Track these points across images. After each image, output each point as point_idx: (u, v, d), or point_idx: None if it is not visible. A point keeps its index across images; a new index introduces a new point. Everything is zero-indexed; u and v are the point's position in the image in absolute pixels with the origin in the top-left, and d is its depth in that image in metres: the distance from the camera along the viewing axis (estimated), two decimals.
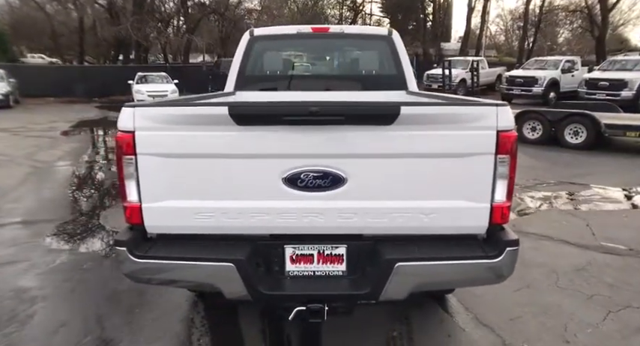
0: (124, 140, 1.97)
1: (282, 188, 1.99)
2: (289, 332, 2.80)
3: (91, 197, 6.05)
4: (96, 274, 3.66)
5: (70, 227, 4.77)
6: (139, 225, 2.08)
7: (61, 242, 4.38)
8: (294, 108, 1.93)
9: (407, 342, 2.73)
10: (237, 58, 4.08)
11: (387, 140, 1.95)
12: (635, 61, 15.92)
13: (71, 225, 4.81)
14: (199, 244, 2.08)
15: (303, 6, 39.34)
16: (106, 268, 3.77)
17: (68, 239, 4.46)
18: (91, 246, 4.28)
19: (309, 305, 2.01)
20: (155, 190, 2.02)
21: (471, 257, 1.98)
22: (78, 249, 4.22)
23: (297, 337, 2.73)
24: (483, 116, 1.94)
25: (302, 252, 2.11)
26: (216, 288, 2.02)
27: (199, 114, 1.95)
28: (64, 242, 4.38)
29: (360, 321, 2.77)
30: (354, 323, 2.70)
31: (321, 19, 39.22)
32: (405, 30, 37.94)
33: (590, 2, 24.05)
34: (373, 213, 2.02)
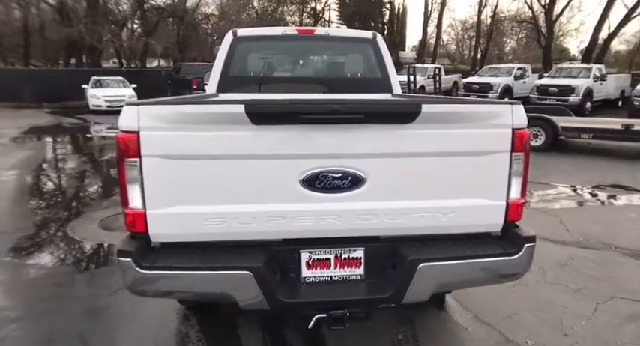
0: (127, 141, 1.82)
1: (299, 190, 1.91)
2: (291, 341, 2.69)
3: (54, 207, 5.64)
4: (71, 289, 3.39)
5: (36, 240, 4.41)
6: (142, 234, 1.92)
7: (26, 257, 4.03)
8: (315, 107, 1.85)
9: (413, 345, 2.70)
10: (220, 59, 3.94)
11: (406, 139, 1.91)
12: (579, 69, 17.01)
13: (36, 238, 4.45)
14: (210, 252, 1.95)
15: (262, 12, 39.18)
16: (82, 282, 3.51)
17: (34, 253, 4.12)
18: (61, 260, 3.96)
19: (331, 311, 1.93)
20: (161, 195, 1.88)
21: (492, 255, 1.98)
22: (46, 263, 3.90)
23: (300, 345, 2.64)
24: (499, 114, 1.95)
25: (319, 257, 2.03)
26: (231, 298, 1.90)
27: (212, 112, 1.83)
28: (29, 256, 4.04)
29: (364, 326, 2.71)
30: (358, 327, 2.64)
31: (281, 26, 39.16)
32: None
33: (537, 14, 25.51)
34: (392, 213, 1.98)
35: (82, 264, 3.84)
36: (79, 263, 3.87)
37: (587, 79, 15.72)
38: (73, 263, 3.90)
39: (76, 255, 4.08)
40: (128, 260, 1.83)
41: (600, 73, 16.39)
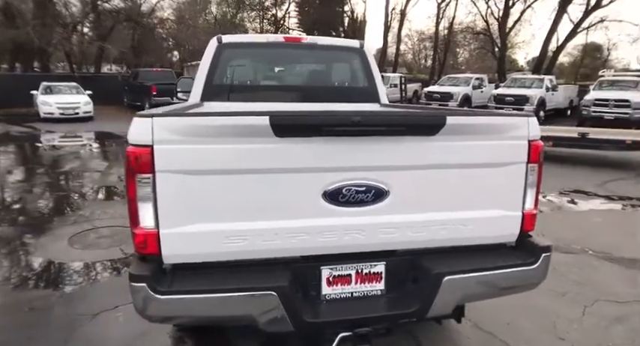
0: (139, 155, 1.68)
1: (322, 204, 1.84)
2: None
3: (15, 224, 5.21)
4: (49, 314, 3.11)
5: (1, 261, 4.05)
6: (153, 255, 1.78)
7: None
8: (340, 119, 1.80)
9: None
10: (204, 66, 3.80)
11: (429, 151, 1.90)
12: (532, 80, 18.00)
13: (1, 259, 4.09)
14: (228, 272, 1.83)
15: (221, 17, 38.69)
16: (60, 305, 3.23)
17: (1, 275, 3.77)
18: (33, 282, 3.65)
19: (356, 329, 1.86)
20: (176, 213, 1.75)
21: (512, 265, 2.00)
22: (16, 286, 3.57)
23: None
24: (517, 126, 1.98)
25: (339, 273, 1.97)
26: (254, 321, 1.79)
27: (234, 124, 1.73)
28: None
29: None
30: None
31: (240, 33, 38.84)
32: None
33: (492, 26, 26.84)
34: (414, 226, 1.95)
35: (57, 286, 3.55)
36: (53, 285, 3.57)
37: (540, 89, 16.63)
38: (47, 285, 3.59)
39: (48, 276, 3.77)
40: (142, 286, 1.69)
41: (552, 84, 17.41)
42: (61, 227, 4.92)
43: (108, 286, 3.55)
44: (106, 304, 3.20)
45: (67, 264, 3.95)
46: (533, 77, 18.47)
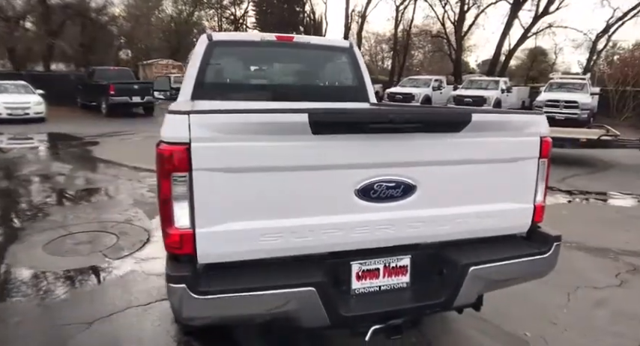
0: (176, 153, 1.65)
1: (355, 200, 1.88)
2: None
3: None
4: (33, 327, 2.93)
5: None
6: (188, 255, 1.74)
7: None
8: (377, 116, 1.84)
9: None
10: (194, 64, 3.73)
11: (453, 147, 1.98)
12: (488, 81, 18.86)
13: None
14: (261, 270, 1.83)
15: (177, 16, 37.70)
16: (44, 317, 3.05)
17: None
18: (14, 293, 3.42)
19: (390, 321, 1.91)
20: (212, 212, 1.73)
21: (529, 254, 2.11)
22: None
23: None
24: (531, 123, 2.10)
25: (368, 268, 2.01)
26: (293, 317, 1.79)
27: (272, 121, 1.73)
28: None
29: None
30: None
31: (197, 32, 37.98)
32: None
33: (449, 30, 27.87)
34: (439, 220, 2.03)
35: (43, 296, 3.35)
36: (37, 296, 3.37)
37: (496, 90, 17.47)
38: (31, 296, 3.38)
39: (29, 286, 3.55)
40: (182, 287, 1.65)
41: (506, 86, 18.32)
42: (34, 234, 4.64)
43: (98, 293, 3.39)
44: (100, 312, 3.08)
45: (48, 273, 3.73)
46: (489, 79, 19.39)
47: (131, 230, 4.79)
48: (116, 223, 5.00)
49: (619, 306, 3.34)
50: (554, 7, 22.27)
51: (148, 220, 5.13)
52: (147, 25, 34.06)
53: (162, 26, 38.27)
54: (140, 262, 3.97)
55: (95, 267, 3.85)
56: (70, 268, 3.81)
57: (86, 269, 3.81)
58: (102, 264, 3.91)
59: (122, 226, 4.90)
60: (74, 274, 3.72)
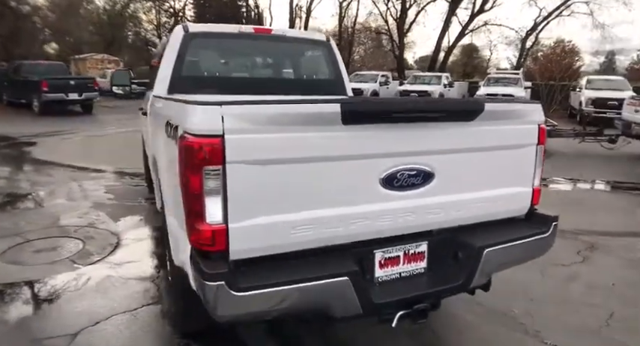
0: (209, 146, 1.58)
1: (379, 189, 1.91)
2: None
3: None
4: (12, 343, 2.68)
5: None
6: (220, 252, 1.68)
7: None
8: (405, 105, 1.87)
9: (431, 332, 2.86)
10: (170, 56, 3.56)
11: (467, 135, 2.06)
12: (431, 77, 19.66)
13: None
14: (293, 262, 1.80)
15: (110, 8, 35.56)
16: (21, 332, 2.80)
17: None
18: None
19: (416, 306, 1.96)
20: (244, 206, 1.68)
21: (533, 235, 2.25)
22: None
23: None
24: (531, 112, 2.24)
25: (390, 255, 2.05)
26: (329, 307, 1.79)
27: (305, 112, 1.70)
28: None
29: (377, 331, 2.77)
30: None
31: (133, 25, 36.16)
32: None
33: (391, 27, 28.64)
34: (454, 205, 2.11)
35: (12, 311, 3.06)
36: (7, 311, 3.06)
37: (439, 85, 18.25)
38: None
39: None
40: (220, 284, 1.58)
41: (448, 81, 19.19)
42: None
43: (76, 302, 3.15)
44: (83, 322, 2.87)
45: (13, 284, 3.41)
46: (432, 75, 20.21)
47: (97, 234, 4.49)
48: (78, 227, 4.66)
49: (586, 280, 3.65)
50: (489, 6, 23.69)
51: (112, 223, 4.84)
52: (75, 16, 31.84)
53: (93, 18, 35.96)
54: (115, 267, 3.74)
55: (65, 276, 3.57)
56: (36, 278, 3.51)
57: (56, 277, 3.53)
58: (72, 272, 3.63)
59: (86, 230, 4.58)
60: (43, 284, 3.43)
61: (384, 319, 1.98)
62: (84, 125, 13.49)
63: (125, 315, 2.98)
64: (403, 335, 2.74)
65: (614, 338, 2.82)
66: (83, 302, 3.14)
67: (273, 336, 2.76)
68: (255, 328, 2.82)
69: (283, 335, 2.78)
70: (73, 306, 3.09)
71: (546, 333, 2.86)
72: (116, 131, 12.53)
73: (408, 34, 28.00)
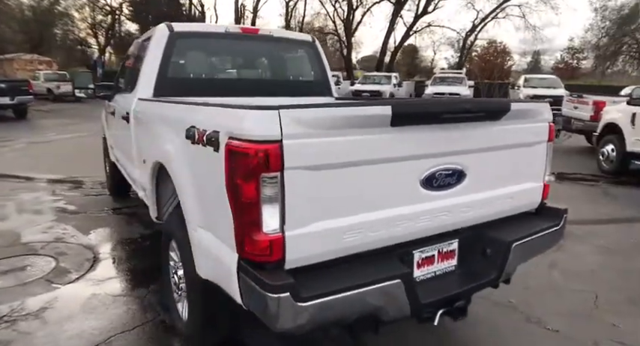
0: (267, 152, 1.51)
1: (420, 190, 1.92)
2: None
3: None
4: None
5: None
6: (276, 262, 1.61)
7: None
8: (451, 106, 1.90)
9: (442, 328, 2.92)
10: (154, 57, 3.38)
11: (493, 134, 2.13)
12: (381, 76, 20.15)
13: None
14: (346, 268, 1.77)
15: (36, 4, 33.01)
16: None
17: None
18: None
19: (456, 303, 1.99)
20: (300, 213, 1.63)
21: (549, 227, 2.37)
22: None
23: None
24: (543, 111, 2.35)
25: (426, 255, 2.07)
26: (383, 311, 1.77)
27: (360, 115, 1.67)
28: None
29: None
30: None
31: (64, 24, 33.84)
32: None
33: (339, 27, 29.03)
34: (482, 203, 2.17)
35: None
36: None
37: (389, 85, 18.74)
38: None
39: None
40: (286, 296, 1.52)
41: (397, 80, 19.75)
42: None
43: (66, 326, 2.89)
44: None
45: None
46: (382, 74, 20.72)
47: (68, 249, 4.15)
48: (45, 243, 4.28)
49: (565, 267, 3.90)
50: (432, 8, 24.71)
51: (83, 236, 4.50)
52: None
53: (15, 14, 33.14)
54: (99, 284, 3.48)
55: (44, 297, 3.26)
56: (9, 301, 3.17)
57: (33, 300, 3.22)
58: (51, 293, 3.33)
59: (55, 246, 4.21)
60: (20, 308, 3.11)
61: (424, 318, 2.00)
62: (20, 131, 12.43)
63: (125, 335, 2.79)
64: (419, 332, 2.79)
65: (605, 320, 3.04)
66: (73, 325, 2.89)
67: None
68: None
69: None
70: (63, 330, 2.84)
71: (546, 320, 3.02)
72: (59, 137, 11.68)
73: (355, 34, 28.67)
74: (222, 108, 1.76)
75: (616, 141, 7.61)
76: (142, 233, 4.65)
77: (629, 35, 32.85)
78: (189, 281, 2.30)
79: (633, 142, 7.16)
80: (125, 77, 4.31)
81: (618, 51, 34.05)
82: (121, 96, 4.14)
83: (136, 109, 3.29)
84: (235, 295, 1.74)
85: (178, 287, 2.61)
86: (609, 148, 7.83)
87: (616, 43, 33.29)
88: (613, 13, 31.91)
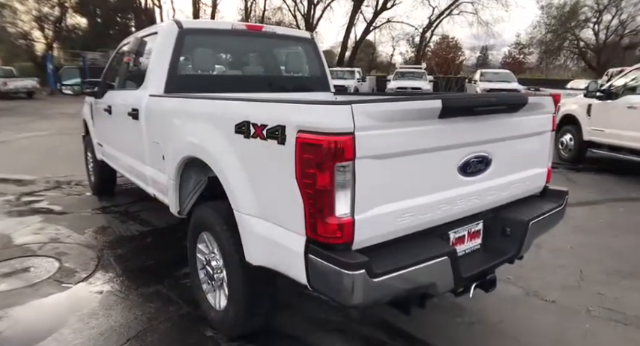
0: (343, 143, 1.66)
1: (457, 176, 2.13)
2: None
3: None
4: None
5: None
6: (346, 244, 1.77)
7: None
8: (489, 100, 2.12)
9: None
10: (164, 53, 3.39)
11: (512, 124, 2.37)
12: (344, 71, 20.50)
13: None
14: (400, 247, 1.95)
15: None
16: None
17: None
18: None
19: (488, 276, 2.23)
20: (366, 198, 1.80)
21: (556, 207, 2.65)
22: None
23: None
24: (549, 103, 2.63)
25: (459, 235, 2.29)
26: (433, 286, 1.96)
27: (415, 108, 1.85)
28: None
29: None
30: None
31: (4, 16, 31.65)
32: (106, 34, 35.49)
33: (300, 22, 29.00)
34: (502, 187, 2.41)
35: None
36: None
37: (353, 79, 19.07)
38: None
39: None
40: (361, 273, 1.68)
41: (361, 75, 20.12)
42: None
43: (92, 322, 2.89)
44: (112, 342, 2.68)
45: None
46: (346, 69, 21.03)
47: (69, 249, 4.07)
48: (42, 244, 4.17)
49: (549, 246, 4.28)
50: (391, 4, 25.31)
51: (80, 235, 4.41)
52: None
53: None
54: (111, 282, 3.47)
55: (57, 297, 3.22)
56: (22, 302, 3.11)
57: (47, 299, 3.17)
58: (63, 292, 3.29)
59: (54, 247, 4.12)
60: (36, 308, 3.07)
61: (460, 292, 2.22)
62: None
63: (154, 328, 2.83)
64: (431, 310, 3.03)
65: (591, 290, 3.42)
66: (98, 322, 2.89)
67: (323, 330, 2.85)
68: (303, 324, 2.90)
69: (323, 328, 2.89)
70: (90, 327, 2.84)
71: (543, 293, 3.36)
72: (18, 136, 11.07)
73: (316, 29, 28.75)
74: (289, 104, 1.88)
75: (573, 131, 8.26)
76: (141, 230, 4.62)
77: (569, 31, 35.12)
78: (233, 269, 2.39)
79: (590, 132, 7.81)
80: (122, 74, 4.25)
81: (561, 46, 36.33)
82: (121, 93, 4.09)
83: (150, 106, 3.29)
84: (299, 276, 1.87)
85: (211, 278, 2.69)
86: (567, 138, 8.48)
87: (559, 39, 35.49)
88: (557, 10, 34.00)
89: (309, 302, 3.12)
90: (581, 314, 3.07)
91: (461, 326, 2.93)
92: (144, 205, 5.45)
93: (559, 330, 2.87)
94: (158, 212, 5.18)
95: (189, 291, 3.28)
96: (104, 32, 36.94)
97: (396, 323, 2.91)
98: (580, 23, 34.86)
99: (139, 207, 5.38)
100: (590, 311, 3.10)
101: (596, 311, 3.10)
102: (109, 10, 38.09)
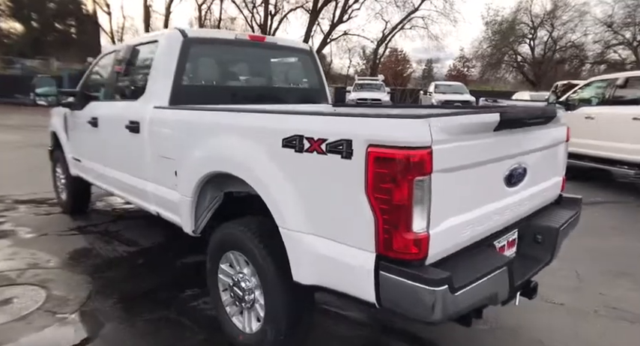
0: (423, 157, 1.65)
1: (503, 187, 2.18)
2: None
3: None
4: None
5: None
6: (420, 259, 1.74)
7: None
8: (535, 113, 2.18)
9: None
10: (169, 63, 3.23)
11: (542, 136, 2.47)
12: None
13: None
14: (462, 260, 1.95)
15: None
16: None
17: None
18: None
19: (532, 284, 2.29)
20: (438, 212, 1.79)
21: (575, 214, 2.77)
22: None
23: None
24: (564, 116, 2.77)
25: (501, 244, 2.33)
26: (495, 297, 1.97)
27: (479, 122, 1.88)
28: None
29: None
30: None
31: None
32: (44, 41, 33.62)
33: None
34: (534, 196, 2.50)
35: None
36: None
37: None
38: None
39: None
40: (443, 289, 1.65)
41: None
42: None
43: None
44: None
45: None
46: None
47: (53, 275, 3.72)
48: (20, 271, 3.79)
49: None
50: (347, 17, 25.85)
51: (60, 259, 4.05)
52: None
53: None
54: (112, 309, 3.19)
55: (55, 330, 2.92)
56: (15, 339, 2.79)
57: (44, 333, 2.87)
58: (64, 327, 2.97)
59: (34, 273, 3.75)
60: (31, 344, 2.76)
61: (505, 301, 2.26)
62: None
63: None
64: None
65: (592, 291, 3.60)
66: None
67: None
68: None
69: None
70: None
71: (548, 295, 3.49)
72: None
73: None
74: (356, 118, 1.83)
75: None
76: (128, 251, 4.33)
77: (508, 46, 37.58)
78: (273, 289, 2.28)
79: None
80: (111, 84, 3.98)
81: (501, 60, 38.74)
82: (112, 105, 3.83)
83: (156, 118, 3.11)
84: (364, 294, 1.81)
85: (240, 299, 2.55)
86: None
87: (499, 53, 37.85)
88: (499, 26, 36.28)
89: (325, 318, 3.06)
90: (590, 314, 3.22)
91: (484, 333, 2.97)
92: (124, 224, 5.12)
93: (577, 331, 2.99)
94: (141, 231, 4.91)
95: (200, 315, 3.11)
96: (41, 39, 34.91)
97: (418, 332, 2.91)
98: (518, 39, 37.40)
99: (120, 226, 5.05)
100: (598, 311, 3.26)
101: (603, 311, 3.26)
102: (47, 16, 36.02)
